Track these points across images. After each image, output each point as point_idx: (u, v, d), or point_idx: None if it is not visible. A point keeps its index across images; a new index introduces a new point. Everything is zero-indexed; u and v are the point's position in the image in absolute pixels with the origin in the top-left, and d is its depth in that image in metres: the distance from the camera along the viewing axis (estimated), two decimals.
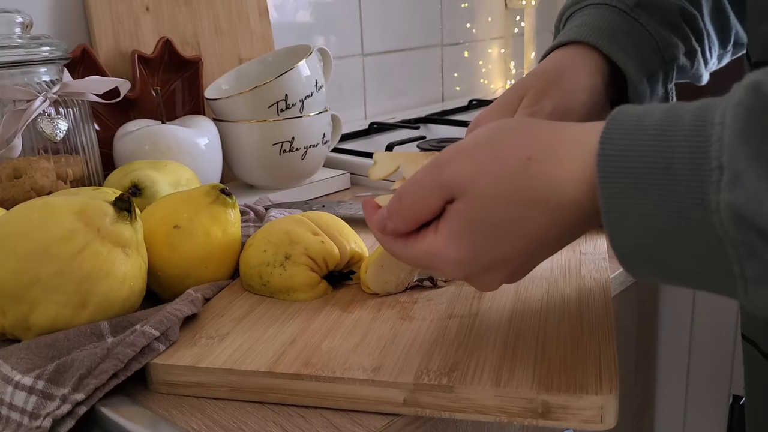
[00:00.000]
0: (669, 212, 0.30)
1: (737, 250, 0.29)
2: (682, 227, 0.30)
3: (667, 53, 0.52)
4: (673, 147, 0.30)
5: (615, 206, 0.32)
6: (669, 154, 0.30)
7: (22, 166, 0.67)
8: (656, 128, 0.31)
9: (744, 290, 0.30)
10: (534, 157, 0.35)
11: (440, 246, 0.38)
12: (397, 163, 0.47)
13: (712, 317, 0.69)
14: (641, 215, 0.31)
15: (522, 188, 0.35)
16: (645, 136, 0.31)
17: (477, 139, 0.38)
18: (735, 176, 0.28)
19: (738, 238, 0.29)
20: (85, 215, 0.49)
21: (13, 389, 0.43)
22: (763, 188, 0.27)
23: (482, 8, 1.49)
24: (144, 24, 0.88)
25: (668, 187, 0.30)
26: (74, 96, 0.70)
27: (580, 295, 0.51)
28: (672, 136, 0.30)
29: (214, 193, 0.57)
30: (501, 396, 0.39)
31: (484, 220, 0.36)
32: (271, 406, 0.43)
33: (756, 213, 0.27)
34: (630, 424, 0.73)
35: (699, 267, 0.31)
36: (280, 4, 1.10)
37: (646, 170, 0.30)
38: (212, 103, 0.83)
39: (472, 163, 0.36)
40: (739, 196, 0.28)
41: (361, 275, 0.54)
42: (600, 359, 0.41)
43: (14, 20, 0.67)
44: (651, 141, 0.31)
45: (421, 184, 0.38)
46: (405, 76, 1.34)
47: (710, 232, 0.29)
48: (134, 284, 0.51)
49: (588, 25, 0.50)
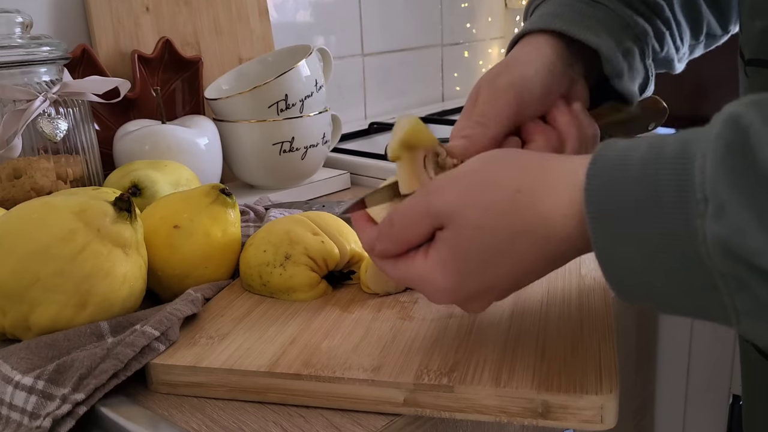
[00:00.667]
0: (658, 245, 0.30)
1: (727, 282, 0.29)
2: (672, 260, 0.30)
3: (638, 29, 0.51)
4: (658, 179, 0.30)
5: (604, 241, 0.32)
6: (655, 186, 0.30)
7: (22, 166, 0.67)
8: (641, 161, 0.31)
9: (737, 321, 0.30)
10: (522, 189, 0.36)
11: (428, 271, 0.38)
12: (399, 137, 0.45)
13: None
14: (631, 248, 0.31)
15: (510, 220, 0.36)
16: (631, 170, 0.31)
17: (467, 169, 0.38)
18: (719, 207, 0.28)
19: (726, 271, 0.29)
20: (85, 215, 0.49)
21: (13, 389, 0.43)
22: (745, 218, 0.27)
23: (482, 8, 1.49)
24: (144, 24, 0.88)
25: (656, 219, 0.30)
26: (74, 96, 0.70)
27: (580, 295, 0.51)
28: (657, 169, 0.30)
29: (214, 193, 0.57)
30: (501, 396, 0.39)
31: (471, 250, 0.37)
32: (271, 406, 0.43)
33: (740, 244, 0.27)
34: (630, 424, 0.73)
35: (692, 298, 0.31)
36: (280, 4, 1.10)
37: (634, 204, 0.31)
38: (212, 103, 0.83)
39: (460, 192, 0.37)
40: (723, 227, 0.28)
41: (361, 275, 0.54)
42: (600, 359, 0.41)
43: (14, 20, 0.67)
44: (637, 174, 0.31)
45: (412, 210, 0.39)
46: (405, 76, 1.34)
47: (700, 264, 0.29)
48: (134, 284, 0.51)
49: (550, 14, 0.50)
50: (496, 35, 1.55)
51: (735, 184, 0.28)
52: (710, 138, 0.29)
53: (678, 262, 0.30)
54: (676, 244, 0.30)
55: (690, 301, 0.32)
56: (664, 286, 0.32)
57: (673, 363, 0.73)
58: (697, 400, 0.72)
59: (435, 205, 0.38)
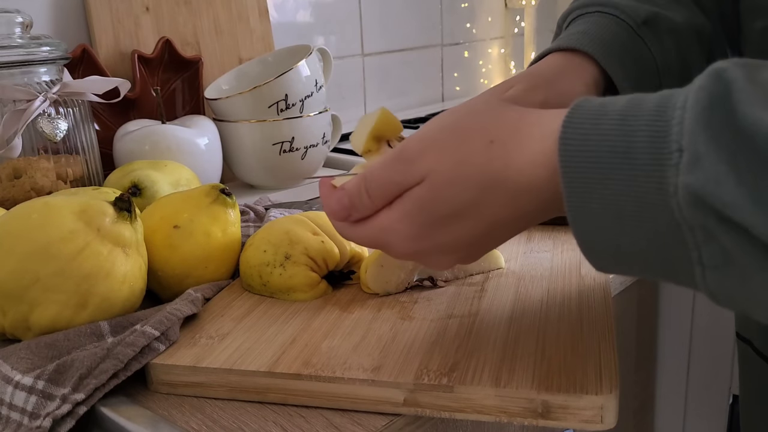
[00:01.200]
0: (629, 197, 0.30)
1: (694, 234, 0.29)
2: (642, 213, 0.30)
3: (666, 78, 0.51)
4: (634, 132, 0.30)
5: (576, 191, 0.32)
6: (630, 138, 0.30)
7: (22, 166, 0.67)
8: (618, 114, 0.31)
9: (702, 277, 0.30)
10: (496, 140, 0.35)
11: (393, 221, 0.38)
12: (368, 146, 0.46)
13: (712, 317, 0.69)
14: (602, 200, 0.31)
15: (481, 171, 0.35)
16: (607, 120, 0.31)
17: (442, 124, 0.38)
18: (694, 159, 0.28)
19: (695, 222, 0.28)
20: (85, 215, 0.49)
21: (13, 389, 0.43)
22: (723, 171, 0.27)
23: (482, 8, 1.49)
24: (144, 24, 0.88)
25: (628, 172, 0.30)
26: (74, 96, 0.70)
27: (580, 295, 0.51)
28: (634, 121, 0.30)
29: (214, 193, 0.57)
30: (501, 396, 0.39)
31: (439, 203, 0.36)
32: (272, 406, 0.43)
33: (713, 194, 0.27)
34: (630, 424, 0.73)
35: (660, 255, 0.31)
36: (280, 4, 1.10)
37: (607, 155, 0.30)
38: (212, 103, 0.83)
39: (437, 152, 0.36)
40: (698, 178, 0.28)
41: (361, 275, 0.54)
42: (600, 359, 0.41)
43: (14, 20, 0.67)
44: (613, 126, 0.31)
45: (388, 181, 0.38)
46: (405, 76, 1.34)
47: (669, 217, 0.29)
48: (134, 284, 0.51)
49: (590, 34, 0.49)
50: (496, 35, 1.55)
51: (714, 138, 0.28)
52: (692, 89, 0.29)
53: (647, 217, 0.30)
54: (647, 198, 0.30)
55: (658, 259, 0.31)
56: (633, 243, 0.31)
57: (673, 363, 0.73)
58: (697, 400, 0.72)
59: (413, 174, 0.37)
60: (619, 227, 0.31)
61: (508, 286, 0.53)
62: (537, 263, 0.58)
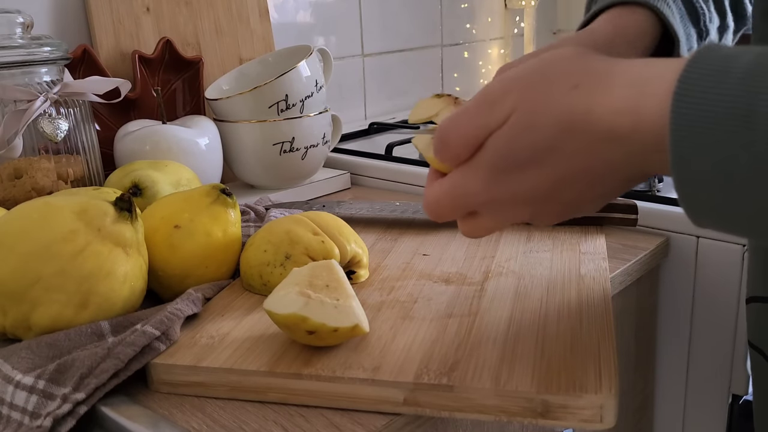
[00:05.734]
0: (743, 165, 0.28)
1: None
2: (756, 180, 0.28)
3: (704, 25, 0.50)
4: (757, 93, 0.28)
5: (685, 150, 0.29)
6: (752, 100, 0.28)
7: (22, 166, 0.67)
8: (743, 70, 0.28)
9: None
10: (581, 85, 0.34)
11: (471, 167, 0.37)
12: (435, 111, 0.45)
13: (711, 317, 0.69)
14: (712, 163, 0.29)
15: (562, 113, 0.34)
16: (730, 79, 0.28)
17: (525, 67, 0.36)
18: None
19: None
20: (86, 215, 0.49)
21: (14, 389, 0.43)
22: None
23: (482, 9, 1.49)
24: (144, 24, 0.88)
25: (745, 136, 0.28)
26: (75, 96, 0.70)
27: (580, 294, 0.51)
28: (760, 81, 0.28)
29: (215, 193, 0.57)
30: (501, 395, 0.39)
31: (519, 144, 0.35)
32: (272, 406, 0.43)
33: None
34: (630, 423, 0.73)
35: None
36: (280, 5, 1.10)
37: (726, 116, 0.28)
38: (213, 103, 0.83)
39: (520, 92, 0.35)
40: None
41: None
42: (599, 359, 0.41)
43: (15, 20, 0.67)
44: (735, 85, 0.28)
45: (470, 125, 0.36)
46: (405, 77, 1.34)
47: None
48: (135, 284, 0.51)
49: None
50: (496, 36, 1.55)
51: None
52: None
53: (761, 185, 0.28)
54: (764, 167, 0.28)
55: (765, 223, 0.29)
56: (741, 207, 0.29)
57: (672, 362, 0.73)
58: (696, 399, 0.72)
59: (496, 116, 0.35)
60: (729, 191, 0.29)
61: (507, 285, 0.54)
62: (537, 263, 0.58)
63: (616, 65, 0.34)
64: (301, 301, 0.43)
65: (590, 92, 0.33)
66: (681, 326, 0.72)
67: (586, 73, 0.34)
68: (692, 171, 0.30)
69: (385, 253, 0.63)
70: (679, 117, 0.29)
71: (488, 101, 0.36)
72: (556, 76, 0.35)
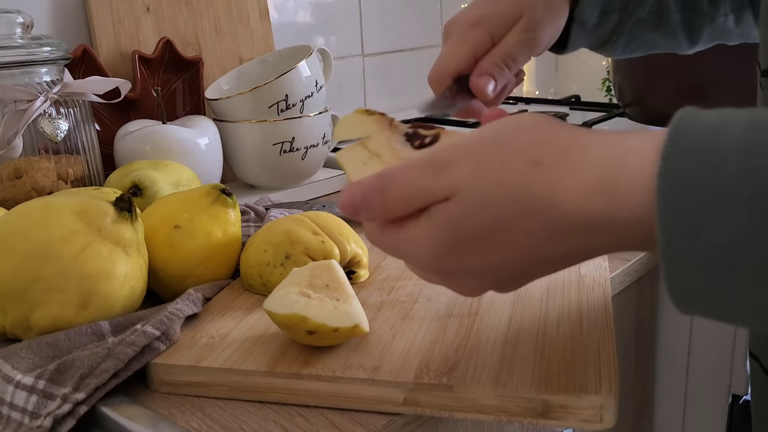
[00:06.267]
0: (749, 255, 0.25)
1: None
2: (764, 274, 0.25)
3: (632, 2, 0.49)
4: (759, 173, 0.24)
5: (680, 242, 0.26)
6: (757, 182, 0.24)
7: (22, 166, 0.67)
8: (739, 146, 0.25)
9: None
10: (542, 162, 0.30)
11: (418, 236, 0.33)
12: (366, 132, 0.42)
13: None
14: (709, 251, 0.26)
15: (520, 195, 0.31)
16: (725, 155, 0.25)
17: (481, 135, 0.33)
18: None
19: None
20: (86, 215, 0.49)
21: (14, 389, 0.43)
22: None
23: None
24: (144, 24, 0.88)
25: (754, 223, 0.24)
26: (75, 96, 0.70)
27: (580, 294, 0.51)
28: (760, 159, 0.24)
29: (215, 193, 0.57)
30: (501, 395, 0.39)
31: (471, 223, 0.32)
32: (272, 406, 0.43)
33: None
34: (629, 423, 0.73)
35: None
36: (280, 5, 1.10)
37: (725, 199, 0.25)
38: (213, 103, 0.83)
39: (473, 164, 0.32)
40: None
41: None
42: (599, 359, 0.41)
43: (15, 20, 0.67)
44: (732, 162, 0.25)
45: (411, 185, 0.33)
46: (405, 76, 1.34)
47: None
48: (135, 284, 0.51)
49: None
50: None
51: None
52: None
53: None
54: None
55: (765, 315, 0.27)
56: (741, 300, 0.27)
57: (672, 363, 0.73)
58: (696, 399, 0.72)
59: (443, 182, 0.32)
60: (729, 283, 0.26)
61: None
62: None
63: (583, 137, 0.31)
64: (301, 301, 0.43)
65: (553, 170, 0.30)
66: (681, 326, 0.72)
67: (548, 147, 0.31)
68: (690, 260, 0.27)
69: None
70: (666, 200, 0.26)
71: (436, 165, 0.33)
72: (514, 150, 0.31)
